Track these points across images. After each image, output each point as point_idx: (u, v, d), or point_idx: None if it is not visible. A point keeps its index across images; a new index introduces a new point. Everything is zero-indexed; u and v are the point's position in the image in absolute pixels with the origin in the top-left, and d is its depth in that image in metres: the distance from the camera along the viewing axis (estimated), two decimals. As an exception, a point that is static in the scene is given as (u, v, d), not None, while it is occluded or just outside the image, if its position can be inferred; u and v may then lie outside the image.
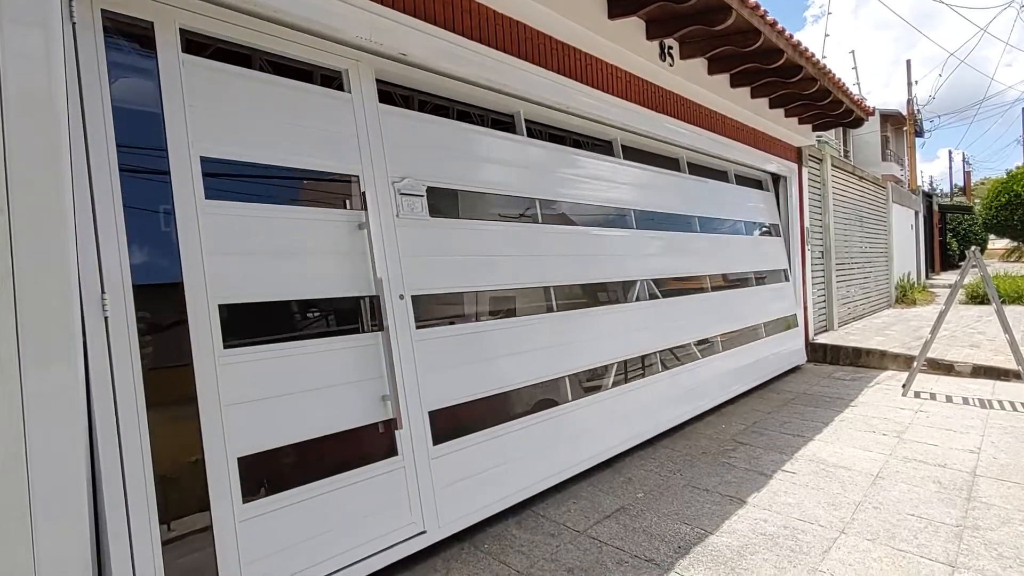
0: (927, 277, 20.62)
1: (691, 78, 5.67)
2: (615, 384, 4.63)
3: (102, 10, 2.27)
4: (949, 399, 5.99)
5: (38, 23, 1.93)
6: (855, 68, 25.78)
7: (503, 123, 4.33)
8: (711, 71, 5.94)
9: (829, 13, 28.34)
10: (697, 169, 6.54)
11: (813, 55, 6.04)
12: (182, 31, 2.52)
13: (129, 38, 2.38)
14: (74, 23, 2.16)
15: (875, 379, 7.11)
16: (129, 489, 2.14)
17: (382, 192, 3.17)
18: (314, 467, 2.70)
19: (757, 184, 7.96)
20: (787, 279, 8.04)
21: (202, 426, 2.36)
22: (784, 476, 4.07)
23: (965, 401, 5.88)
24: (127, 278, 2.22)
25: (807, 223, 8.79)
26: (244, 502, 2.43)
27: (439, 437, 3.23)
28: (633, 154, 5.50)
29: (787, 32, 5.39)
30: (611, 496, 3.83)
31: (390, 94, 3.63)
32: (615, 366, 4.66)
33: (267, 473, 2.56)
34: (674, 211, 5.85)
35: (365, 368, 2.96)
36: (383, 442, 3.00)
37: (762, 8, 4.87)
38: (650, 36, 4.96)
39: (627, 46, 4.75)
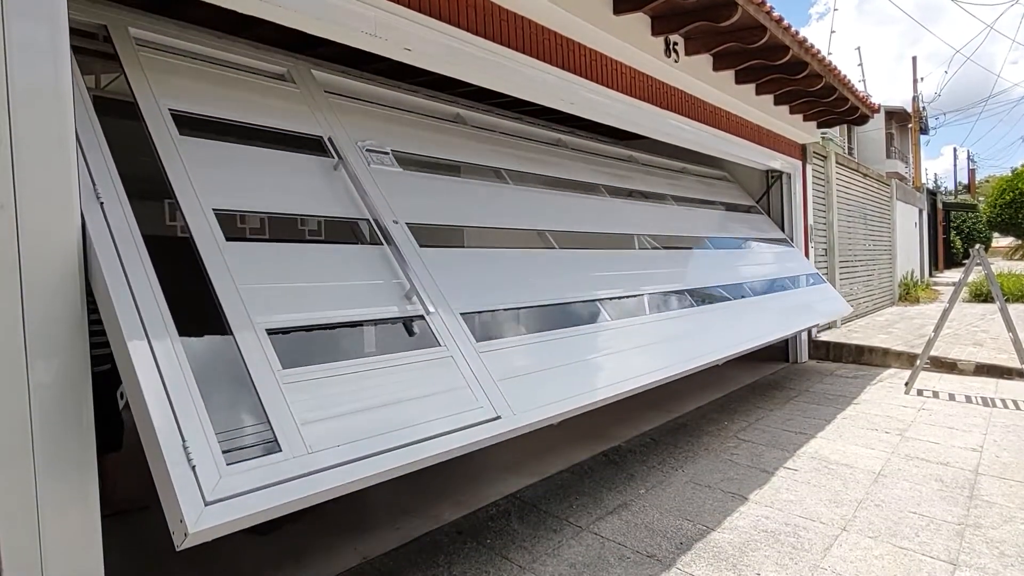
0: (931, 275, 20.56)
1: (696, 74, 5.65)
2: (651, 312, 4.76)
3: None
4: (952, 397, 5.99)
5: (46, 18, 1.94)
6: (860, 65, 25.67)
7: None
8: (716, 67, 5.92)
9: (835, 9, 28.17)
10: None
11: (819, 52, 6.01)
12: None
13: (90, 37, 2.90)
14: None
15: (878, 377, 7.10)
16: (159, 355, 2.06)
17: (349, 148, 3.49)
18: (355, 350, 2.80)
19: (722, 178, 8.46)
20: (790, 245, 8.25)
21: (219, 297, 2.39)
22: (786, 473, 4.08)
23: (968, 399, 5.88)
24: (118, 184, 2.39)
25: (811, 220, 8.77)
26: (284, 368, 2.38)
27: (480, 337, 3.23)
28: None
29: (793, 28, 5.37)
30: (613, 492, 3.84)
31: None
32: (645, 298, 4.84)
33: (304, 349, 2.56)
34: (636, 188, 6.26)
35: (379, 272, 3.07)
36: (424, 336, 3.03)
37: (768, 4, 4.85)
38: (655, 32, 4.94)
39: (632, 42, 4.74)
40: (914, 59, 26.84)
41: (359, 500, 3.80)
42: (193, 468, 1.88)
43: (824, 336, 8.74)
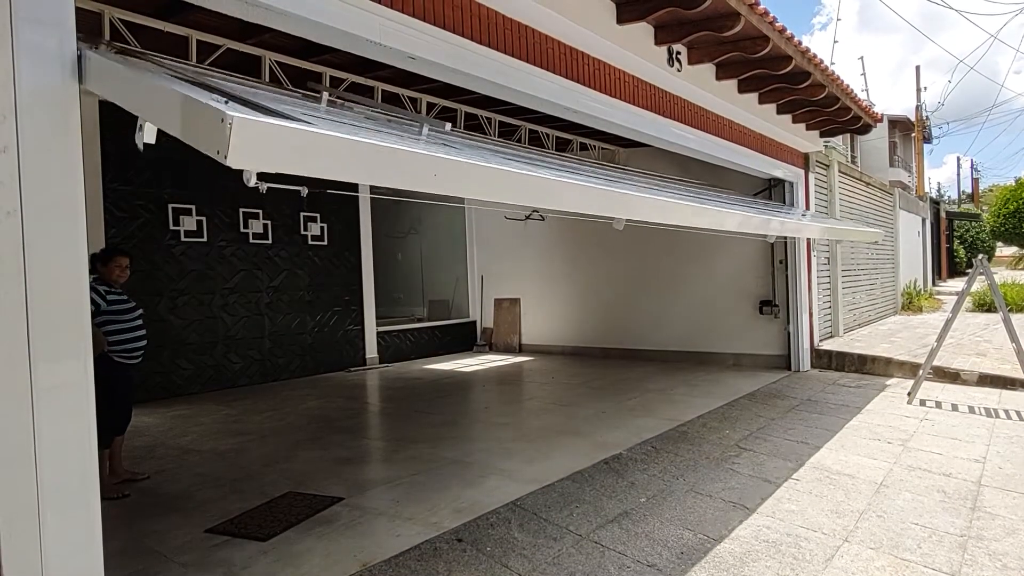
0: (934, 284, 20.51)
1: (699, 84, 5.67)
2: None
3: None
4: (955, 407, 5.96)
5: (54, 22, 1.95)
6: (863, 74, 25.74)
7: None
8: (719, 77, 5.94)
9: (838, 19, 28.25)
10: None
11: (821, 61, 6.03)
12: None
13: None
14: None
15: (880, 386, 7.08)
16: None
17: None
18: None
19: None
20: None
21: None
22: (788, 483, 4.06)
23: (971, 410, 5.85)
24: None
25: (813, 229, 8.77)
26: None
27: None
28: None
29: (796, 38, 5.39)
30: (614, 500, 3.83)
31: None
32: None
33: None
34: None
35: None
36: None
37: (771, 15, 4.87)
38: (659, 41, 4.96)
39: (635, 51, 4.76)
40: (917, 68, 26.89)
41: (358, 506, 3.80)
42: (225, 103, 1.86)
43: (826, 345, 8.73)
